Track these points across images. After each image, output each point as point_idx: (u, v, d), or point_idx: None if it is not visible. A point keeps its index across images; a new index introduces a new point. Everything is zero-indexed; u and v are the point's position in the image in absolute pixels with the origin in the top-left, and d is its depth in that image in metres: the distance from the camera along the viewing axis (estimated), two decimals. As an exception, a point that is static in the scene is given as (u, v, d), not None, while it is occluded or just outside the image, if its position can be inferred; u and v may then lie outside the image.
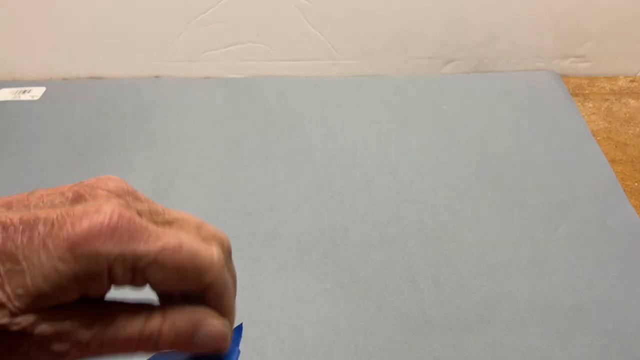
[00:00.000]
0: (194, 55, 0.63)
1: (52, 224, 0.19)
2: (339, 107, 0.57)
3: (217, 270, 0.21)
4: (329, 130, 0.54)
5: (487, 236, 0.43)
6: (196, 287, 0.21)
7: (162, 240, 0.20)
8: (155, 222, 0.21)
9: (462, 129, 0.54)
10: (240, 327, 0.29)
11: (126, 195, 0.21)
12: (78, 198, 0.21)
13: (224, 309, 0.23)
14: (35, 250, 0.19)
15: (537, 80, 0.61)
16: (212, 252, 0.21)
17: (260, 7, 0.59)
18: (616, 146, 0.53)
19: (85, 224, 0.19)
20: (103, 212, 0.19)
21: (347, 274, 0.41)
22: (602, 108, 0.58)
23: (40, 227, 0.19)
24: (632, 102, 0.59)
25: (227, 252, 0.24)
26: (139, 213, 0.20)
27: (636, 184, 0.49)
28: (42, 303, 0.19)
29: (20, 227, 0.19)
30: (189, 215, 0.22)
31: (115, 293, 0.21)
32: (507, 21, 0.60)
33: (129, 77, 0.64)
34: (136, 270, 0.20)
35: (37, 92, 0.60)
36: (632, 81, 0.62)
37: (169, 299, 0.24)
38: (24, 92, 0.60)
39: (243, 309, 0.38)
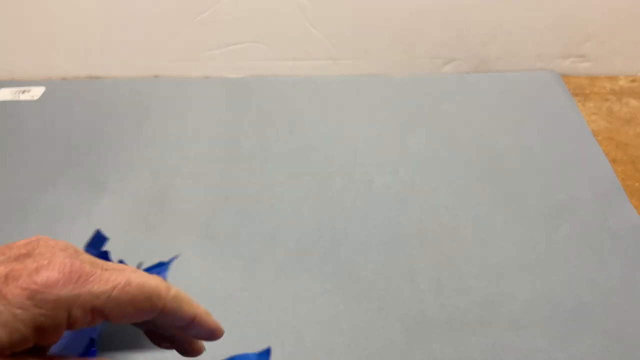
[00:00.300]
0: (194, 54, 0.63)
1: (6, 277, 0.20)
2: (339, 107, 0.57)
3: (165, 293, 0.24)
4: (329, 130, 0.54)
5: (488, 236, 0.43)
6: (152, 314, 0.23)
7: (112, 280, 0.22)
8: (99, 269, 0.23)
9: (462, 129, 0.54)
10: (268, 352, 0.29)
11: (68, 249, 0.23)
12: (24, 255, 0.22)
13: (186, 318, 0.25)
14: None
15: (538, 80, 0.61)
16: (157, 280, 0.24)
17: (260, 7, 0.59)
18: (617, 146, 0.53)
19: (42, 275, 0.21)
20: (56, 263, 0.21)
21: (347, 274, 0.41)
22: (603, 108, 0.58)
23: None
24: (632, 102, 0.59)
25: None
26: (84, 262, 0.22)
27: (637, 184, 0.48)
28: None
29: None
30: (122, 265, 0.25)
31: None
32: (507, 21, 0.60)
33: (128, 77, 0.64)
34: (95, 310, 0.21)
35: (36, 92, 0.60)
36: (632, 81, 0.62)
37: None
38: (24, 92, 0.60)
39: (243, 310, 0.38)
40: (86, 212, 0.46)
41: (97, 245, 0.35)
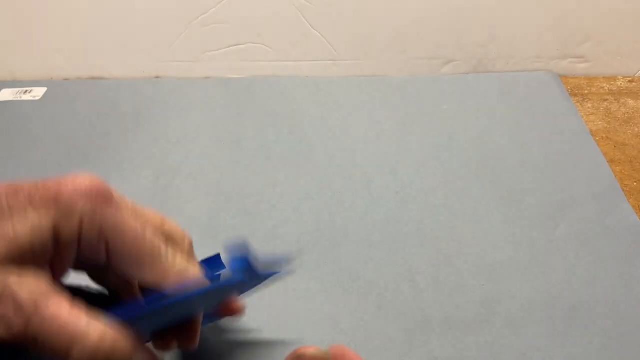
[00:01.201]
0: (195, 55, 0.63)
1: (37, 187, 0.23)
2: (339, 107, 0.58)
3: (171, 265, 0.24)
4: (329, 130, 0.54)
5: (487, 236, 0.43)
6: (153, 280, 0.24)
7: (131, 220, 0.23)
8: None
9: (461, 129, 0.54)
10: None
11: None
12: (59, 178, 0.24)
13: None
14: (21, 204, 0.22)
15: (536, 80, 0.61)
16: (168, 253, 0.24)
17: (260, 8, 0.60)
18: (615, 146, 0.53)
19: (69, 184, 0.23)
20: (84, 177, 0.23)
21: (347, 273, 0.41)
22: (601, 108, 0.58)
23: (25, 188, 0.23)
24: (630, 102, 0.59)
25: (190, 246, 0.28)
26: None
27: (635, 183, 0.49)
28: (18, 251, 0.21)
29: (5, 189, 0.22)
30: (154, 212, 0.26)
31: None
32: (506, 22, 0.61)
33: (129, 78, 0.64)
34: (101, 236, 0.23)
35: (38, 93, 0.60)
36: (630, 81, 0.63)
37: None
38: (26, 92, 0.60)
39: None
40: (88, 212, 0.46)
41: (213, 267, 0.34)
